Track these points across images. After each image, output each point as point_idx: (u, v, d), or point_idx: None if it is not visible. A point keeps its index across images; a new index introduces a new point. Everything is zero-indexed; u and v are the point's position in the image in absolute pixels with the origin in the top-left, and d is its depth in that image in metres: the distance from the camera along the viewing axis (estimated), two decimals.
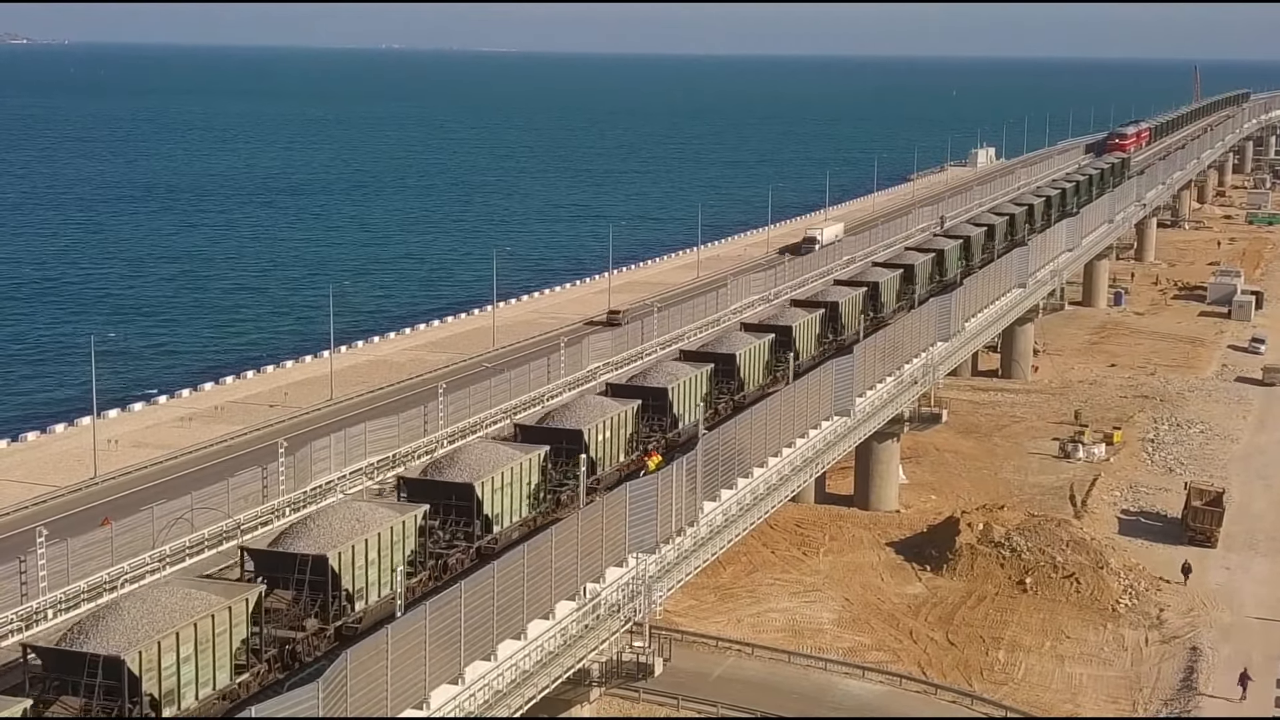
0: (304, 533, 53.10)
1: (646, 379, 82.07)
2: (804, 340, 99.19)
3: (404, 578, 54.16)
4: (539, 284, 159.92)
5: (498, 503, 61.01)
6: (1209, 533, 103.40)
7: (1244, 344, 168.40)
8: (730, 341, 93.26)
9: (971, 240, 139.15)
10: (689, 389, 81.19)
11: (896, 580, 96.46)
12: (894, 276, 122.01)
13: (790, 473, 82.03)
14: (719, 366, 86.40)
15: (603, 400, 75.41)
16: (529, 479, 64.05)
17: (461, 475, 60.51)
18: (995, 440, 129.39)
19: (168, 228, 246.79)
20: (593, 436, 69.69)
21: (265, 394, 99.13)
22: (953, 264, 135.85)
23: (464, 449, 65.75)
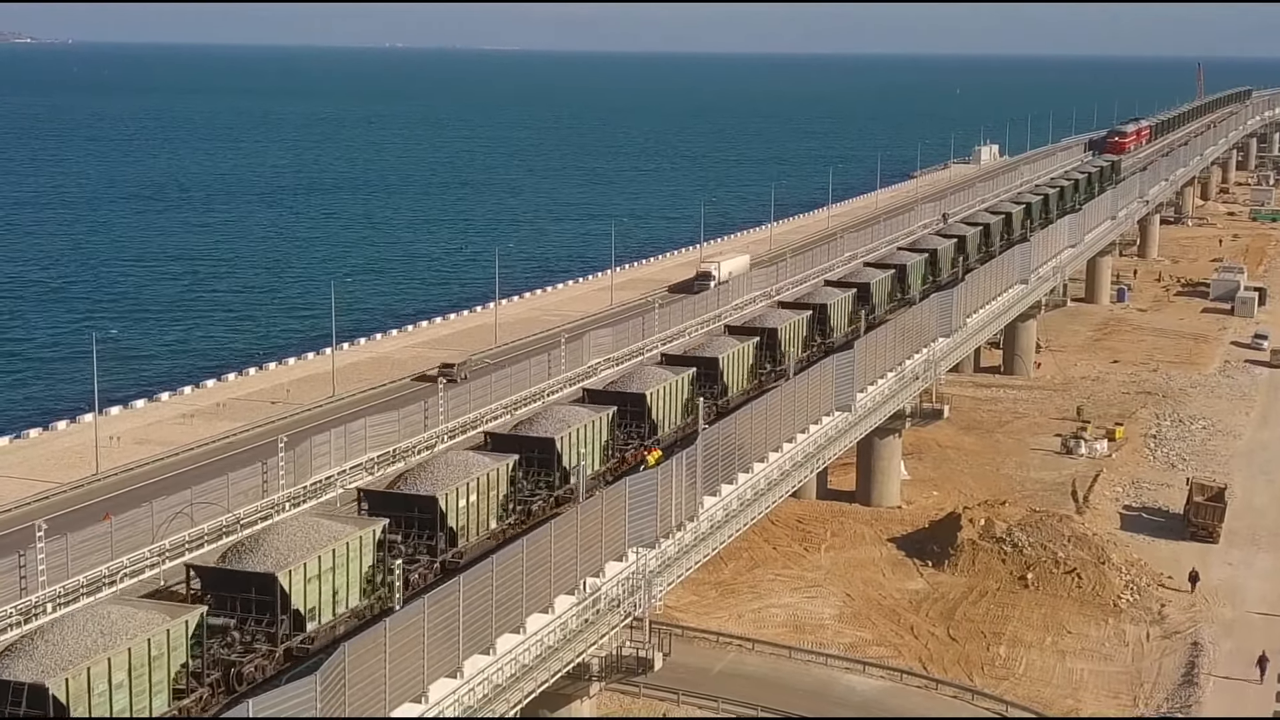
0: (255, 549, 51.41)
1: (625, 384, 80.00)
2: (790, 342, 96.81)
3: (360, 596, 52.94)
4: (541, 281, 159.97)
5: (463, 515, 59.24)
6: (1211, 528, 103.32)
7: (1247, 340, 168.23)
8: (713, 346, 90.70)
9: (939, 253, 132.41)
10: (669, 393, 78.99)
11: (898, 576, 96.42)
12: (885, 277, 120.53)
13: (791, 468, 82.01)
14: (701, 370, 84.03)
15: (575, 408, 73.43)
16: (497, 490, 62.19)
17: (425, 487, 58.75)
18: (997, 436, 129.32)
19: (170, 226, 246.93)
20: (566, 444, 67.87)
21: (267, 391, 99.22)
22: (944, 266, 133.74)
23: (431, 459, 64.27)
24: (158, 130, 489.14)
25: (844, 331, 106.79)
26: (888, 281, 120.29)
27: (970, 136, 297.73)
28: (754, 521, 77.74)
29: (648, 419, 76.25)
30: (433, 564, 57.50)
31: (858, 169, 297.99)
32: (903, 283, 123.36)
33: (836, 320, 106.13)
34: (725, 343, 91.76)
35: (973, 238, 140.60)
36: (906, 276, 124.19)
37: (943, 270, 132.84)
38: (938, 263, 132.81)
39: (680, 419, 79.91)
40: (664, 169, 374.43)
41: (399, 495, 58.73)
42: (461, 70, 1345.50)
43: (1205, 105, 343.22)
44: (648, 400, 76.23)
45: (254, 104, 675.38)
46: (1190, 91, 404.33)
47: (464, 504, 59.06)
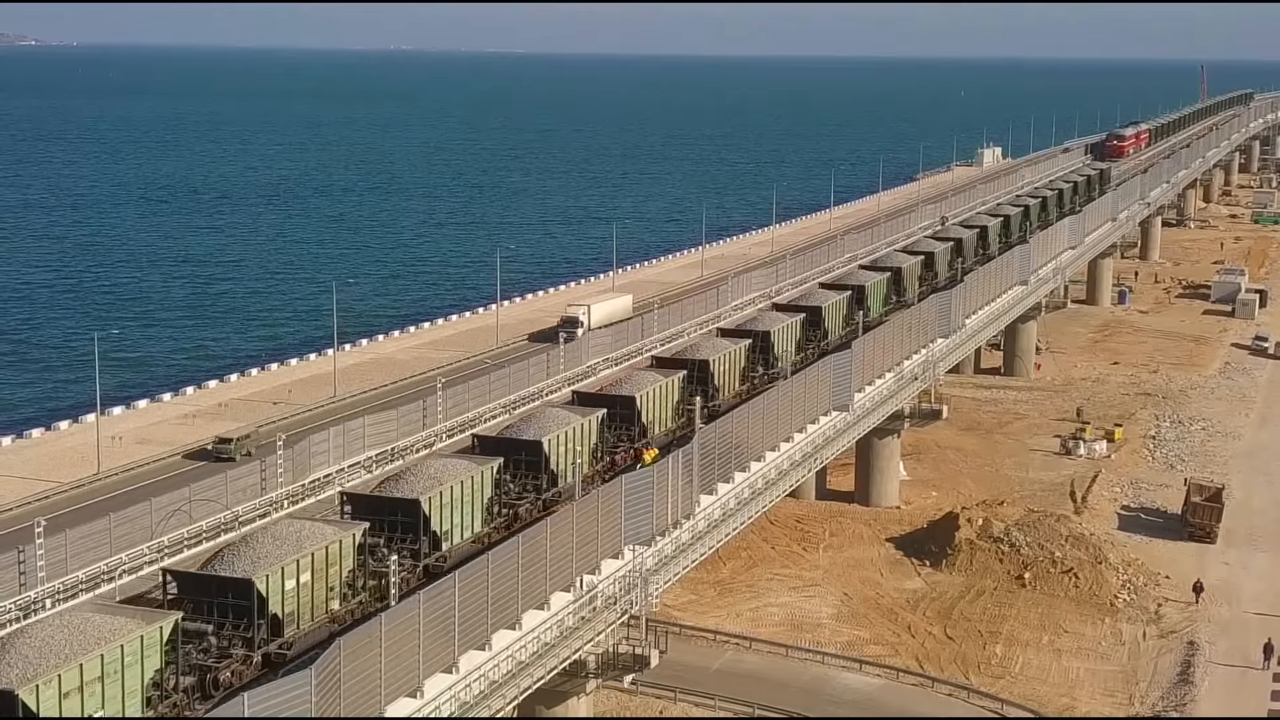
0: (234, 554, 51.49)
1: (615, 387, 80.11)
2: (784, 345, 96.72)
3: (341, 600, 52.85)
4: (543, 283, 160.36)
5: (447, 518, 59.04)
6: (1208, 528, 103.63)
7: (1247, 342, 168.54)
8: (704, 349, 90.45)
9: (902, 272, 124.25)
10: (659, 396, 78.92)
11: (896, 575, 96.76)
12: (881, 279, 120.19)
13: (789, 467, 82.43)
14: (692, 373, 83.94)
15: (564, 411, 73.51)
16: (482, 493, 62.00)
17: (408, 490, 58.74)
18: (997, 437, 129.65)
19: (173, 227, 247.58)
20: (553, 448, 67.72)
21: (268, 391, 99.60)
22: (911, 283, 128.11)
23: (415, 463, 64.14)
24: (161, 132, 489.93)
25: (839, 334, 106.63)
26: (883, 284, 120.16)
27: (973, 139, 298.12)
28: (751, 520, 78.16)
29: (638, 421, 76.38)
30: (415, 568, 57.26)
31: (861, 171, 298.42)
32: (898, 285, 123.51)
33: (831, 323, 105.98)
34: (717, 345, 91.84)
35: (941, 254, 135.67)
36: (902, 280, 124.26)
37: (938, 273, 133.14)
38: (934, 266, 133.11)
39: (671, 421, 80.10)
40: (667, 172, 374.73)
41: (381, 499, 58.56)
42: (467, 73, 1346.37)
43: (1205, 109, 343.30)
44: (638, 403, 76.35)
45: (257, 107, 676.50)
46: (1193, 94, 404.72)
47: (447, 507, 58.78)
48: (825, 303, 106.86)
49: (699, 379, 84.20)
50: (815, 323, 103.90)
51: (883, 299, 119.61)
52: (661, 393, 78.97)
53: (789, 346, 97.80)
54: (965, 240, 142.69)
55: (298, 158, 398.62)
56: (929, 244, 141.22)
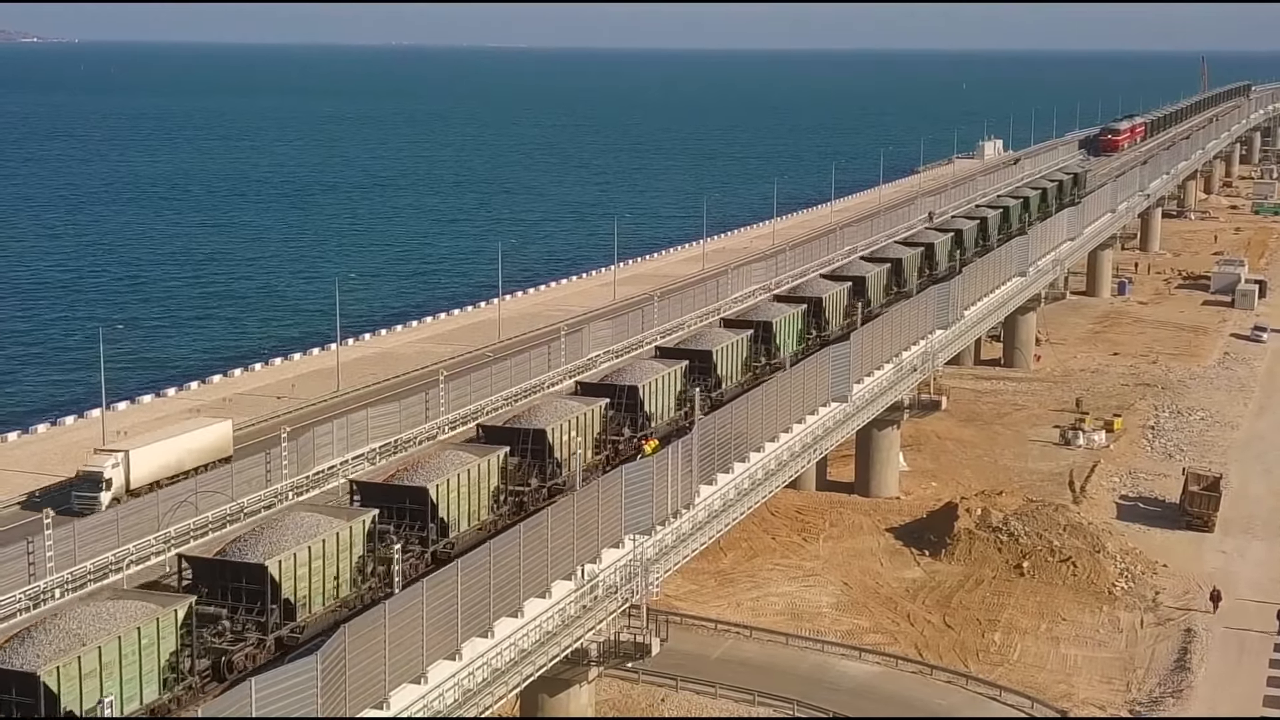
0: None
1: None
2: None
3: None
4: (545, 277, 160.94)
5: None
6: (1206, 517, 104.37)
7: (1247, 332, 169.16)
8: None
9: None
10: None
11: (895, 565, 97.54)
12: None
13: (789, 458, 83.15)
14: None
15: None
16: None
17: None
18: (996, 428, 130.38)
19: (177, 223, 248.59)
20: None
21: (273, 386, 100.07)
22: None
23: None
24: (162, 128, 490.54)
25: (840, 325, 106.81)
26: (883, 275, 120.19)
27: (975, 131, 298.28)
28: (751, 510, 78.93)
29: (641, 411, 76.92)
30: (423, 554, 58.06)
31: (862, 165, 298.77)
32: (898, 276, 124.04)
33: (832, 313, 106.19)
34: (719, 335, 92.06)
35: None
36: (903, 270, 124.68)
37: (939, 263, 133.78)
38: (933, 257, 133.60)
39: (673, 411, 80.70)
40: (669, 166, 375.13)
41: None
42: (470, 68, 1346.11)
43: (1201, 102, 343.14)
44: (641, 393, 76.94)
45: (257, 102, 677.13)
46: (1194, 86, 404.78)
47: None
48: (826, 293, 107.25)
49: (701, 369, 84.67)
50: (817, 313, 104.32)
51: (883, 290, 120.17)
52: (664, 383, 79.56)
53: (790, 337, 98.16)
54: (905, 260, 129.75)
55: (299, 154, 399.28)
56: (930, 235, 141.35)
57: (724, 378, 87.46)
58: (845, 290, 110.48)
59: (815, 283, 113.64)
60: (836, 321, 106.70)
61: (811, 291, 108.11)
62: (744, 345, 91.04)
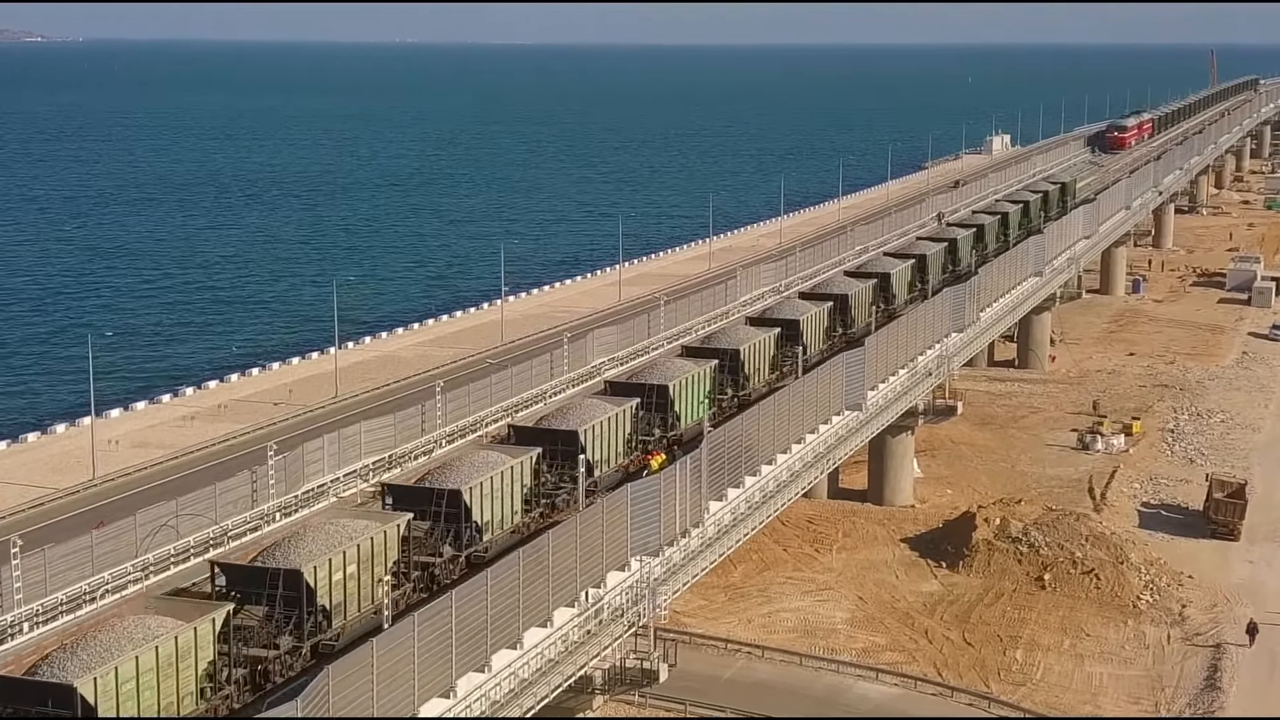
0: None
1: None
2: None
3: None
4: (551, 277, 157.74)
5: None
6: (1231, 525, 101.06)
7: (1264, 331, 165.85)
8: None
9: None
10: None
11: (911, 578, 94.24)
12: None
13: (801, 469, 79.88)
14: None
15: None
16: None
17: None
18: (1012, 432, 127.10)
19: (175, 225, 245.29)
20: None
21: (270, 391, 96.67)
22: None
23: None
24: (159, 128, 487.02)
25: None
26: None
27: (983, 126, 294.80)
28: (760, 526, 75.65)
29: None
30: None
31: (870, 160, 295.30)
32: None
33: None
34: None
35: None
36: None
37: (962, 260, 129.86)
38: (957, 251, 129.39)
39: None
40: (675, 162, 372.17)
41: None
42: (474, 65, 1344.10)
43: (1211, 96, 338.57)
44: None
45: (260, 101, 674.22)
46: (1203, 79, 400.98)
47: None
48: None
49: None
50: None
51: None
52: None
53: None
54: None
55: (300, 153, 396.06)
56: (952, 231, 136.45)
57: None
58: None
59: (838, 280, 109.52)
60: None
61: (836, 289, 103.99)
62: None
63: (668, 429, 71.10)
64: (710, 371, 76.50)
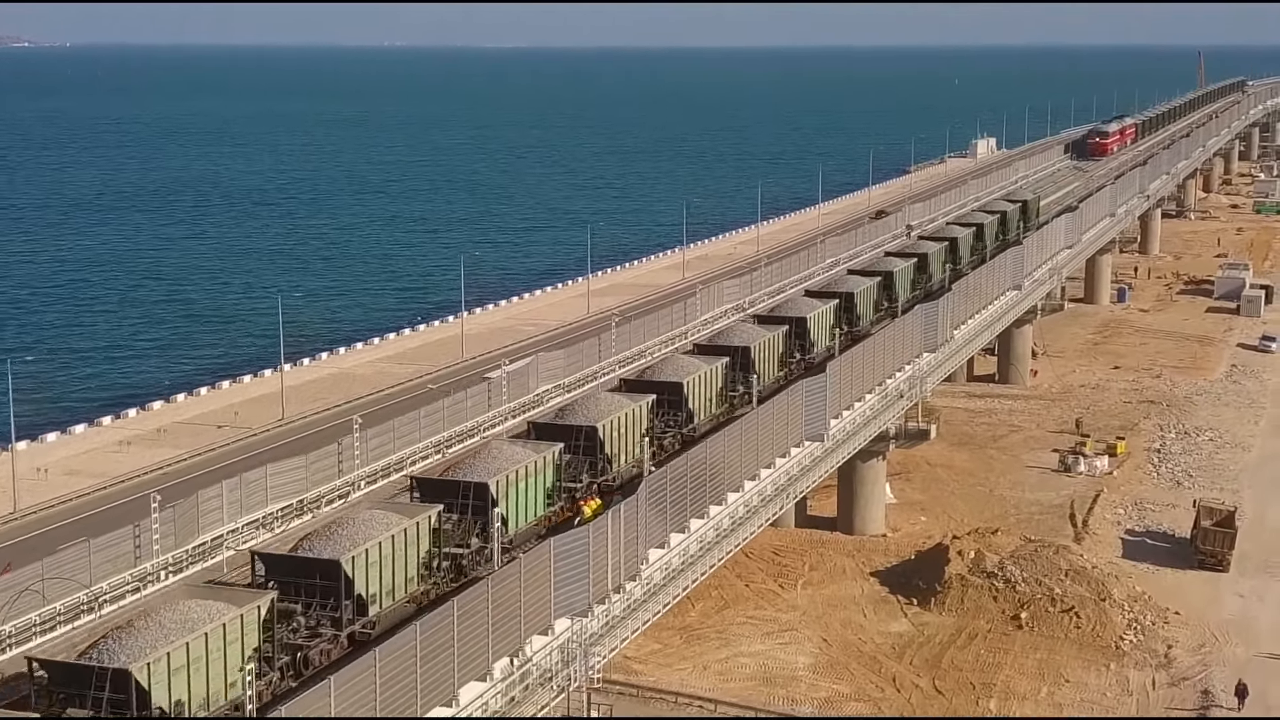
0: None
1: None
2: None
3: None
4: (515, 289, 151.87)
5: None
6: (1220, 556, 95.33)
7: (1254, 342, 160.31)
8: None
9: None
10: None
11: (880, 616, 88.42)
12: None
13: (760, 503, 74.19)
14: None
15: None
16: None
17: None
18: (990, 452, 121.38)
19: (114, 235, 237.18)
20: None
21: (216, 413, 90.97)
22: None
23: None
24: (131, 136, 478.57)
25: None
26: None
27: (968, 129, 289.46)
28: (710, 572, 69.85)
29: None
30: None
31: (853, 164, 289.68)
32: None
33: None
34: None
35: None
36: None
37: None
38: None
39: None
40: (653, 167, 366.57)
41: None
42: (464, 68, 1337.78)
43: (1198, 99, 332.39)
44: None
45: (240, 106, 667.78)
46: (1191, 80, 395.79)
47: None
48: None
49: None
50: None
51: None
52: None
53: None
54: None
55: (257, 159, 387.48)
56: None
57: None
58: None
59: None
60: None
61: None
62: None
63: (598, 473, 65.08)
64: (647, 407, 70.51)
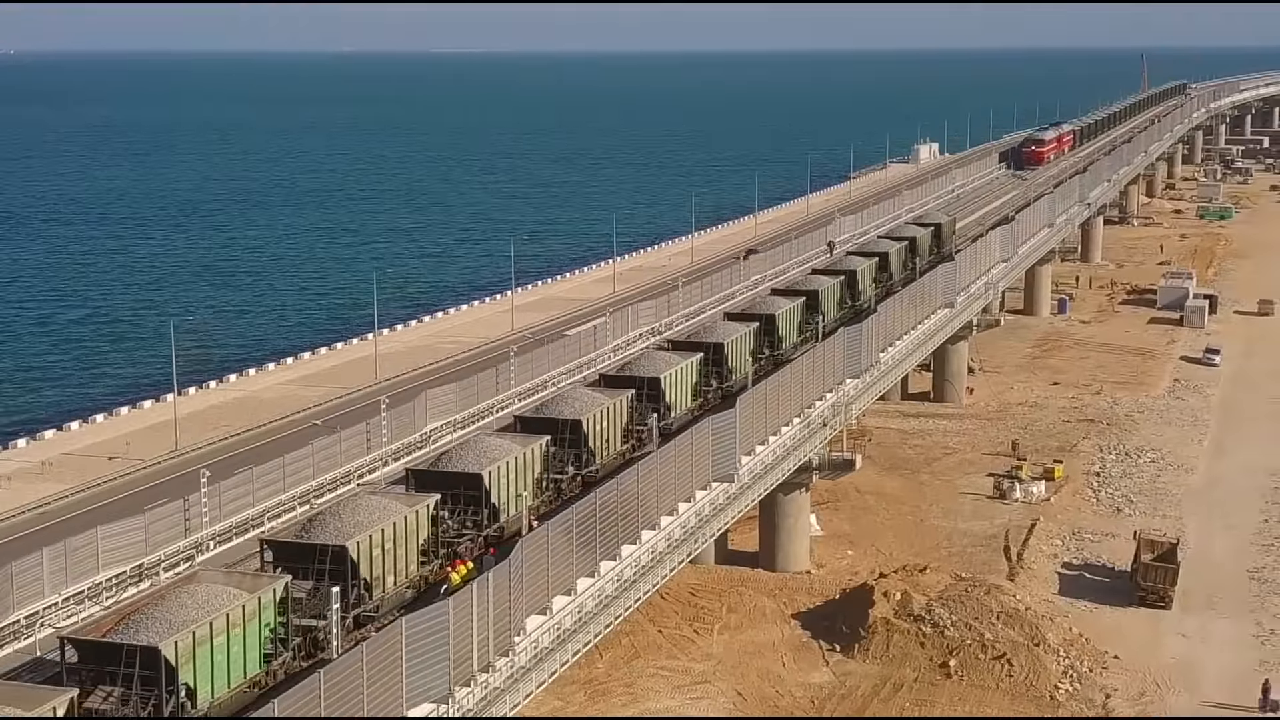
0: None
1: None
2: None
3: None
4: (437, 305, 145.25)
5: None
6: (1162, 593, 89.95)
7: (1198, 355, 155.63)
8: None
9: None
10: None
11: (800, 665, 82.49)
12: None
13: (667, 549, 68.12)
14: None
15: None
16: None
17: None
18: (923, 478, 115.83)
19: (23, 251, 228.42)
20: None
21: (106, 444, 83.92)
22: None
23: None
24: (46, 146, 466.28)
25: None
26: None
27: (910, 134, 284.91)
28: (598, 640, 63.58)
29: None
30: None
31: (792, 172, 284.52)
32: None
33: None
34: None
35: None
36: None
37: None
38: None
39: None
40: (591, 175, 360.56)
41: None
42: (416, 73, 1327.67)
43: (1138, 104, 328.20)
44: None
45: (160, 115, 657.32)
46: (1134, 82, 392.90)
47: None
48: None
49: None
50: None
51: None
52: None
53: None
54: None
55: (188, 169, 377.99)
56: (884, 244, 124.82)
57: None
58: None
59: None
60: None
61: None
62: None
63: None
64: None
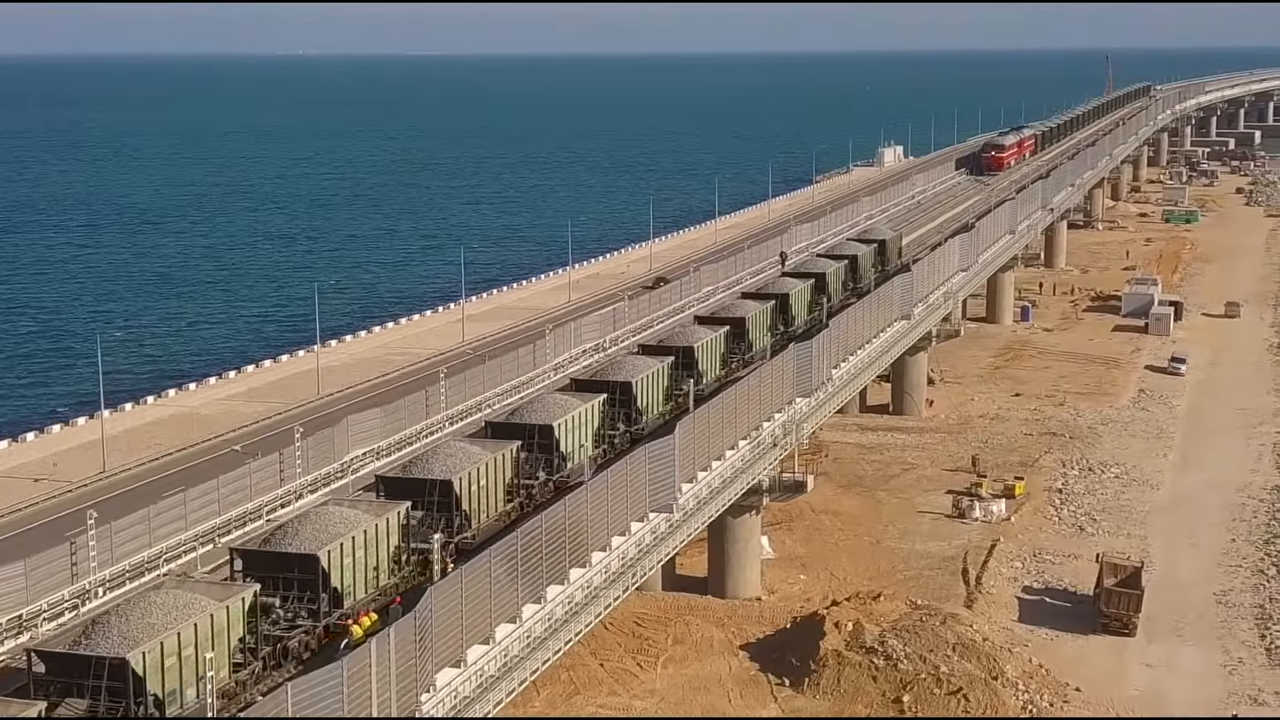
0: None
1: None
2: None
3: None
4: (382, 318, 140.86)
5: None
6: (1125, 620, 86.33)
7: (1163, 364, 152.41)
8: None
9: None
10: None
11: (748, 700, 78.54)
12: None
13: (604, 583, 64.10)
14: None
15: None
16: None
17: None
18: (880, 495, 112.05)
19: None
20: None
21: (34, 465, 79.40)
22: None
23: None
24: None
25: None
26: None
27: (874, 137, 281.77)
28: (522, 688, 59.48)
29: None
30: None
31: (758, 176, 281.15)
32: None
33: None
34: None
35: None
36: None
37: None
38: None
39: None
40: (554, 180, 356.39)
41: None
42: (379, 76, 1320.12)
43: (1102, 106, 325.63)
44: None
45: (116, 119, 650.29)
46: (1099, 84, 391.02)
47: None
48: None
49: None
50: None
51: None
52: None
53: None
54: None
55: (143, 175, 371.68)
56: None
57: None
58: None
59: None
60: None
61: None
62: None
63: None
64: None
